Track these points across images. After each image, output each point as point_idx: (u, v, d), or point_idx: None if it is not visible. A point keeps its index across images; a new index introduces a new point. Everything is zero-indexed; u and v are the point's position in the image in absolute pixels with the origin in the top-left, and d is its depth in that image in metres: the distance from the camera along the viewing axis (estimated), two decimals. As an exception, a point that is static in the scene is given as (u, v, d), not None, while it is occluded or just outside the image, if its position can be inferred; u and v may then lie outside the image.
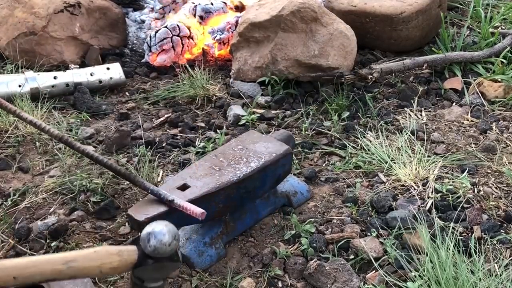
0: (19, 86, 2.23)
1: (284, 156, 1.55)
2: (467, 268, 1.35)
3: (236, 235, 1.57)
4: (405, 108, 2.25)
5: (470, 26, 2.90)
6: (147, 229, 0.79)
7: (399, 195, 1.72)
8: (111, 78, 2.44)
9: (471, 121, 2.17)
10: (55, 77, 2.33)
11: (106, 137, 2.04)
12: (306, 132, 2.07)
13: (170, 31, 2.63)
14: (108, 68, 2.46)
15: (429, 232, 1.47)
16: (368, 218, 1.63)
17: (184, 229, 1.54)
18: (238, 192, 1.47)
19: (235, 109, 2.21)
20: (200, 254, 1.48)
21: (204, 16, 2.76)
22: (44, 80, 2.29)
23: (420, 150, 1.88)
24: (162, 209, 1.31)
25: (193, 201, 1.34)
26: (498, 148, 1.95)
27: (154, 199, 1.35)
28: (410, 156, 1.86)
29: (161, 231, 0.80)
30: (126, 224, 1.61)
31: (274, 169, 1.54)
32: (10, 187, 1.78)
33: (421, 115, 2.21)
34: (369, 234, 1.56)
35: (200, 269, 1.47)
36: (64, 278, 0.73)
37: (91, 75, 2.41)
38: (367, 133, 2.05)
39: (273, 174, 1.55)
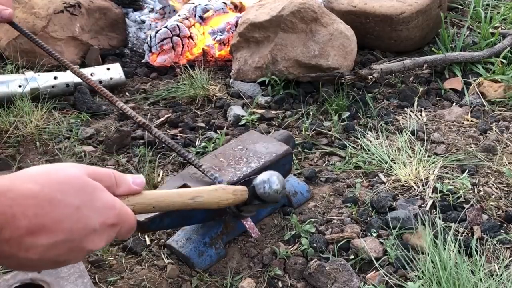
0: (20, 86, 2.23)
1: (284, 156, 1.55)
2: (468, 268, 1.35)
3: (236, 235, 1.57)
4: (405, 108, 2.25)
5: (470, 26, 2.90)
6: (263, 176, 0.96)
7: (399, 195, 1.72)
8: (111, 78, 2.44)
9: (471, 121, 2.17)
10: (55, 78, 2.33)
11: (106, 137, 2.04)
12: (306, 132, 2.07)
13: (170, 31, 2.63)
14: (108, 69, 2.46)
15: (430, 232, 1.47)
16: (368, 218, 1.63)
17: (184, 229, 1.54)
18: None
19: (235, 109, 2.21)
20: (200, 254, 1.48)
21: (204, 16, 2.77)
22: (44, 80, 2.29)
23: (420, 150, 1.88)
24: None
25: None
26: (498, 148, 1.95)
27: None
28: (410, 156, 1.86)
29: (275, 181, 0.97)
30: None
31: (274, 169, 1.53)
32: (10, 187, 1.78)
33: (421, 115, 2.21)
34: (369, 234, 1.56)
35: (200, 269, 1.47)
36: (187, 208, 0.89)
37: (91, 75, 2.40)
38: (367, 133, 2.05)
39: (273, 174, 1.55)
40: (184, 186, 1.40)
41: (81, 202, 0.65)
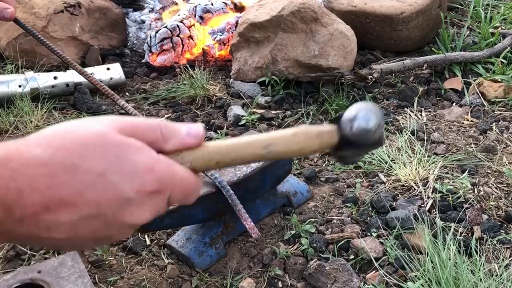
0: (20, 86, 2.23)
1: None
2: (468, 268, 1.35)
3: (236, 235, 1.57)
4: (405, 108, 2.25)
5: (470, 26, 2.90)
6: (351, 111, 0.68)
7: (399, 195, 1.72)
8: (111, 78, 2.44)
9: (471, 121, 2.17)
10: (55, 77, 2.33)
11: (106, 137, 2.03)
12: (306, 132, 2.07)
13: (170, 31, 2.63)
14: (108, 69, 2.46)
15: (430, 232, 1.47)
16: (368, 218, 1.63)
17: (184, 229, 1.54)
18: (238, 192, 1.46)
19: (235, 109, 2.21)
20: (200, 254, 1.48)
21: (204, 16, 2.77)
22: (44, 80, 2.29)
23: (420, 150, 1.88)
24: None
25: (193, 201, 1.35)
26: (498, 148, 1.95)
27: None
28: (410, 156, 1.86)
29: (365, 116, 0.67)
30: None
31: (274, 169, 1.54)
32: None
33: (421, 115, 2.21)
34: (369, 234, 1.56)
35: (200, 269, 1.47)
36: (263, 160, 0.69)
37: (91, 75, 2.40)
38: (367, 133, 2.05)
39: (273, 174, 1.55)
40: None
41: (107, 167, 0.51)
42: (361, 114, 0.67)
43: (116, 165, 0.52)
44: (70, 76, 2.36)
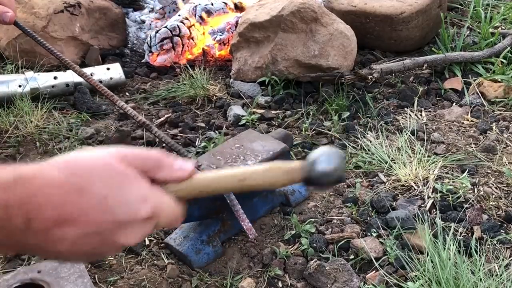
0: (19, 86, 2.24)
1: (281, 154, 1.56)
2: (468, 268, 1.35)
3: (234, 234, 1.57)
4: (405, 108, 2.25)
5: (470, 26, 2.90)
6: (314, 154, 0.77)
7: (399, 195, 1.72)
8: (111, 78, 2.44)
9: (471, 121, 2.17)
10: (55, 77, 2.33)
11: (106, 137, 2.04)
12: (306, 132, 2.07)
13: (171, 31, 2.63)
14: (108, 68, 2.46)
15: (430, 232, 1.47)
16: (368, 218, 1.63)
17: (181, 227, 1.54)
18: (235, 190, 1.47)
19: (235, 109, 2.21)
20: (197, 252, 1.48)
21: (204, 16, 2.77)
22: (44, 80, 2.29)
23: (420, 150, 1.88)
24: None
25: (190, 199, 1.35)
26: (498, 148, 1.95)
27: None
28: (410, 156, 1.86)
29: (326, 160, 0.76)
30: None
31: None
32: (10, 187, 1.78)
33: (421, 115, 2.21)
34: (369, 234, 1.56)
35: (197, 267, 1.47)
36: (235, 191, 0.82)
37: (91, 75, 2.40)
38: (367, 133, 2.05)
39: (270, 173, 1.55)
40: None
41: (109, 193, 0.60)
42: (322, 158, 0.77)
43: (116, 193, 0.61)
44: (70, 76, 2.36)
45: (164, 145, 1.80)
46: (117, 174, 0.62)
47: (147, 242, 1.56)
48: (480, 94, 2.32)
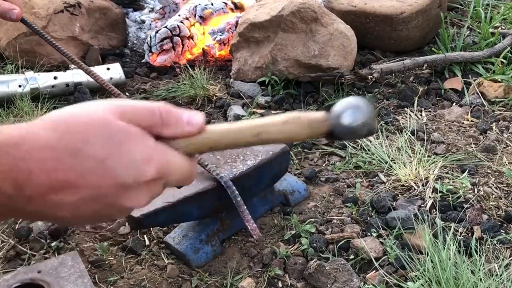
0: (20, 86, 2.24)
1: (281, 154, 1.56)
2: (468, 268, 1.35)
3: (232, 233, 1.57)
4: (405, 108, 2.25)
5: (470, 26, 2.90)
6: (341, 105, 0.69)
7: (399, 195, 1.72)
8: (111, 78, 2.44)
9: (471, 121, 2.17)
10: (55, 77, 2.33)
11: (106, 137, 2.03)
12: (306, 132, 2.07)
13: (170, 31, 2.63)
14: (108, 68, 2.46)
15: (430, 232, 1.47)
16: (368, 218, 1.63)
17: (180, 226, 1.55)
18: (234, 190, 1.47)
19: (235, 109, 2.21)
20: (196, 251, 1.48)
21: (204, 16, 2.77)
22: (44, 80, 2.29)
23: (420, 150, 1.88)
24: (158, 205, 1.32)
25: (189, 198, 1.36)
26: (498, 148, 1.95)
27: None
28: (410, 156, 1.86)
29: (352, 114, 0.69)
30: (126, 224, 1.61)
31: (271, 167, 1.54)
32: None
33: (421, 115, 2.21)
34: (369, 234, 1.56)
35: (196, 266, 1.47)
36: (254, 145, 0.73)
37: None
38: (367, 133, 2.05)
39: (269, 172, 1.55)
40: None
41: (107, 155, 0.54)
42: (348, 112, 0.68)
43: (115, 154, 0.55)
44: (70, 76, 2.36)
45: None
46: (117, 133, 0.56)
47: (147, 242, 1.56)
48: (480, 94, 2.32)
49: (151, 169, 0.57)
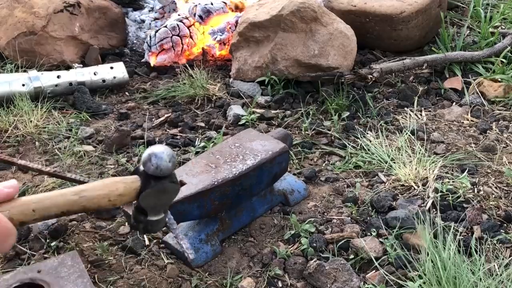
0: (23, 85, 2.23)
1: (281, 154, 1.56)
2: (467, 268, 1.34)
3: (232, 233, 1.57)
4: (405, 108, 2.25)
5: (470, 26, 2.90)
6: (147, 151, 0.84)
7: (399, 195, 1.72)
8: (114, 77, 2.44)
9: (471, 121, 2.17)
10: (58, 76, 2.32)
11: (106, 137, 2.03)
12: (306, 132, 2.07)
13: (170, 31, 2.63)
14: (111, 67, 2.46)
15: (429, 232, 1.47)
16: (368, 218, 1.63)
17: (180, 226, 1.54)
18: (233, 190, 1.47)
19: (235, 109, 2.21)
20: (195, 251, 1.48)
21: (204, 16, 2.76)
22: (48, 79, 2.29)
23: (420, 150, 1.88)
24: None
25: (188, 198, 1.35)
26: (498, 148, 1.95)
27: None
28: (410, 156, 1.86)
29: (160, 151, 0.84)
30: (126, 224, 1.61)
31: (270, 167, 1.54)
32: (10, 187, 1.78)
33: (421, 115, 2.21)
34: (369, 234, 1.55)
35: (196, 266, 1.47)
36: (78, 209, 0.79)
37: (95, 74, 2.41)
38: (367, 133, 2.05)
39: (269, 172, 1.55)
40: (180, 183, 1.40)
41: None
42: (156, 150, 0.82)
43: None
44: (74, 75, 2.35)
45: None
46: None
47: (146, 242, 1.56)
48: (480, 94, 2.32)
49: None
